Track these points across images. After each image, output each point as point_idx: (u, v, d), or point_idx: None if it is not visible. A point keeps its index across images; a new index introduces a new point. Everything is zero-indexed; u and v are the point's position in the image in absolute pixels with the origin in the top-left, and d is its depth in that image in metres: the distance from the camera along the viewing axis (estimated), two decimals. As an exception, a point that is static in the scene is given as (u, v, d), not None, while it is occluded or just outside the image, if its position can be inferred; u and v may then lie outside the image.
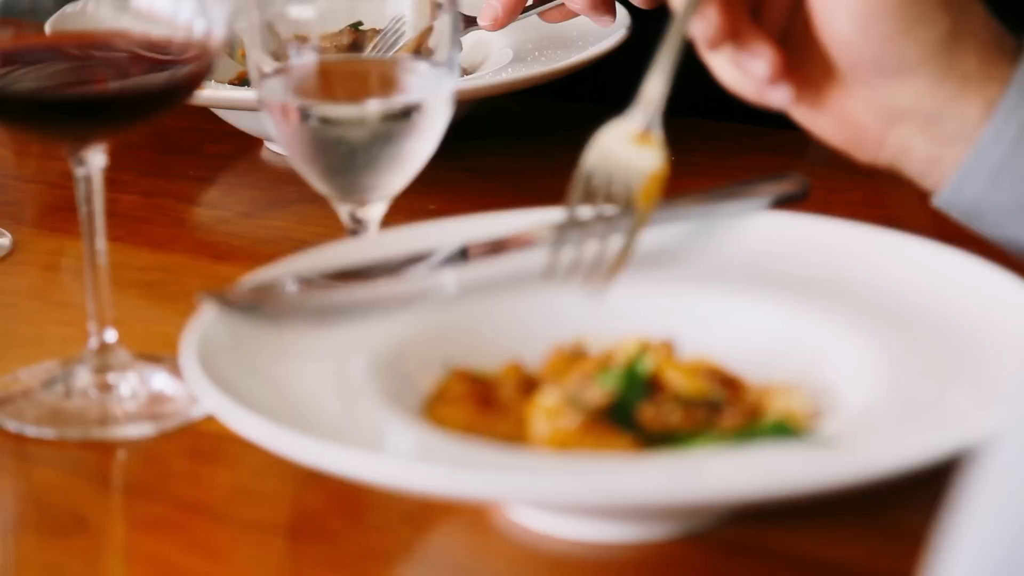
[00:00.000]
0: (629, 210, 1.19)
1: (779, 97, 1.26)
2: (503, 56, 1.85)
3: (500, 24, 1.84)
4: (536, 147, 1.82)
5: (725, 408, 1.09)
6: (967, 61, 1.22)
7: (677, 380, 1.11)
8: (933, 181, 1.26)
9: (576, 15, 1.83)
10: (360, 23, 1.67)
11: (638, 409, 1.08)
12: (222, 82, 1.74)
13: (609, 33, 1.81)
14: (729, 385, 1.14)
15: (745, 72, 1.25)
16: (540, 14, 1.85)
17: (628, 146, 1.20)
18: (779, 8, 1.28)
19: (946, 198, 1.26)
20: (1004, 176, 1.22)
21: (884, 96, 1.23)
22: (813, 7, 1.23)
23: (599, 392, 1.09)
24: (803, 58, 1.28)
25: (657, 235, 1.29)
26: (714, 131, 1.35)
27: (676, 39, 1.21)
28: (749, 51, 1.24)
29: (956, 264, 1.21)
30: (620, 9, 1.86)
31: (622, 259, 1.18)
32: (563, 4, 1.83)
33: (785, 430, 1.03)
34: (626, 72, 1.87)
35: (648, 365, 1.11)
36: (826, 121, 1.28)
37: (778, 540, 1.06)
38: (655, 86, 1.22)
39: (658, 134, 1.20)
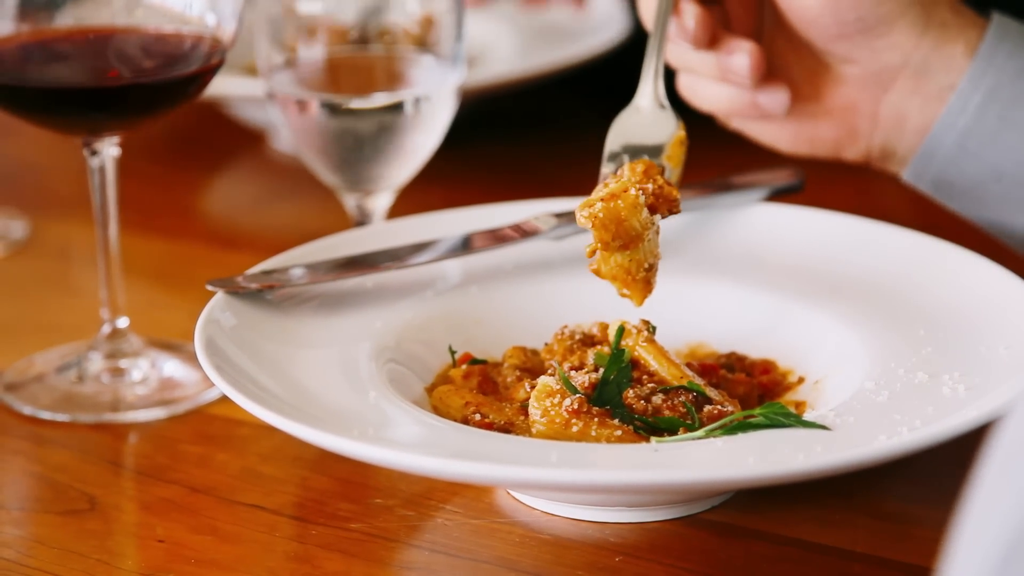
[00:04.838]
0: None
1: (773, 100, 1.27)
2: (507, 50, 1.86)
3: None
4: (538, 139, 1.82)
5: (712, 394, 1.11)
6: (942, 10, 1.24)
7: (660, 366, 1.12)
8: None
9: None
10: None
11: (626, 394, 1.09)
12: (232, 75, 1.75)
13: (611, 29, 1.83)
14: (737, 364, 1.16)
15: (729, 74, 1.26)
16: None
17: (644, 123, 1.21)
18: (747, 13, 1.29)
19: (915, 169, 1.26)
20: (971, 142, 1.23)
21: (871, 59, 1.25)
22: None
23: (589, 371, 1.10)
24: (783, 65, 1.29)
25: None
26: (712, 124, 1.36)
27: (657, 40, 1.24)
28: (727, 51, 1.26)
29: (945, 254, 1.22)
30: (622, 6, 1.88)
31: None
32: None
33: (777, 416, 1.04)
34: (629, 67, 1.89)
35: (630, 344, 1.12)
36: (813, 125, 1.29)
37: (768, 523, 1.07)
38: (650, 66, 1.23)
39: (666, 103, 1.22)
